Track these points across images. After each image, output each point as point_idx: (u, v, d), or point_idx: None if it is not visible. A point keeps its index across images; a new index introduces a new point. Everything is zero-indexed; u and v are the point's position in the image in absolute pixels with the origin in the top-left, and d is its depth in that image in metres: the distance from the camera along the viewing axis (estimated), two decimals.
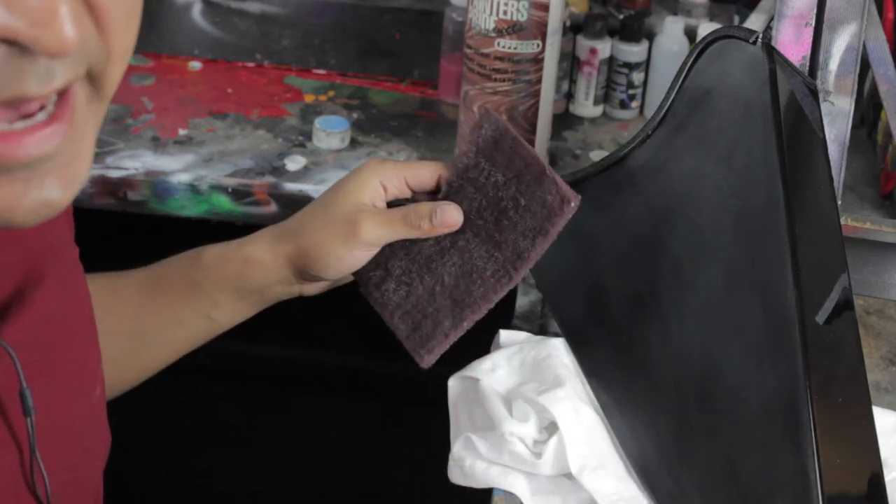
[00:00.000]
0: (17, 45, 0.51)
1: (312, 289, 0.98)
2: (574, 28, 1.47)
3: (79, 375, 0.79)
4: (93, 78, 0.56)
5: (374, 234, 0.92)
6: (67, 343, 0.78)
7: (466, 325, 0.92)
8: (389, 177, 0.94)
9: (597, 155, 1.38)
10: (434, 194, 0.95)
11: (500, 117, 0.93)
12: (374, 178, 0.94)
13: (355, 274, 0.96)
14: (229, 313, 0.98)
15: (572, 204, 0.88)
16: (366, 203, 0.93)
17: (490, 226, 0.91)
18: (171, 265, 0.99)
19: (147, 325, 0.98)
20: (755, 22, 1.26)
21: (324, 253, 0.93)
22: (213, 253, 0.97)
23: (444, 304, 0.93)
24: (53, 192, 0.56)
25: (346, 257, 0.93)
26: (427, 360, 0.94)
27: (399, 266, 0.95)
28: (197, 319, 0.98)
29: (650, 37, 1.47)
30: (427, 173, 0.94)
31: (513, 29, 1.25)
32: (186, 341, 1.00)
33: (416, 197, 0.96)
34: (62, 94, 0.55)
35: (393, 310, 0.96)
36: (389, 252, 0.95)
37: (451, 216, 0.92)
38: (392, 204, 0.95)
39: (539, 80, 1.28)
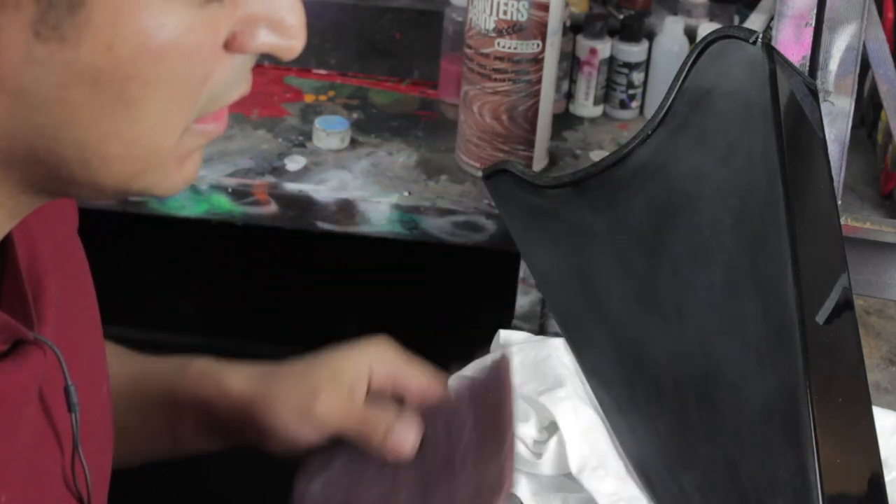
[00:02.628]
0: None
1: (272, 446, 0.94)
2: (574, 28, 1.47)
3: (94, 370, 0.80)
4: None
5: (328, 418, 0.89)
6: (83, 339, 0.78)
7: None
8: (381, 371, 0.91)
9: (597, 155, 1.38)
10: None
11: (508, 367, 0.87)
12: (365, 362, 0.91)
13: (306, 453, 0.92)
14: (189, 437, 0.95)
15: (501, 497, 0.80)
16: (343, 382, 0.90)
17: (432, 469, 0.85)
18: (164, 367, 0.97)
19: (118, 420, 0.94)
20: (755, 22, 1.26)
21: (275, 414, 0.90)
22: (199, 366, 0.95)
23: None
24: (193, 172, 0.65)
25: (292, 428, 0.90)
26: None
27: (337, 467, 0.90)
28: (162, 433, 0.96)
29: (650, 37, 1.47)
30: (416, 384, 0.91)
31: (513, 29, 1.25)
32: (143, 444, 0.97)
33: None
34: None
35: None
36: (342, 445, 0.90)
37: (402, 445, 0.87)
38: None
39: (539, 80, 1.28)
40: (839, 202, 1.03)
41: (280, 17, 0.61)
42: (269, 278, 1.83)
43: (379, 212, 1.28)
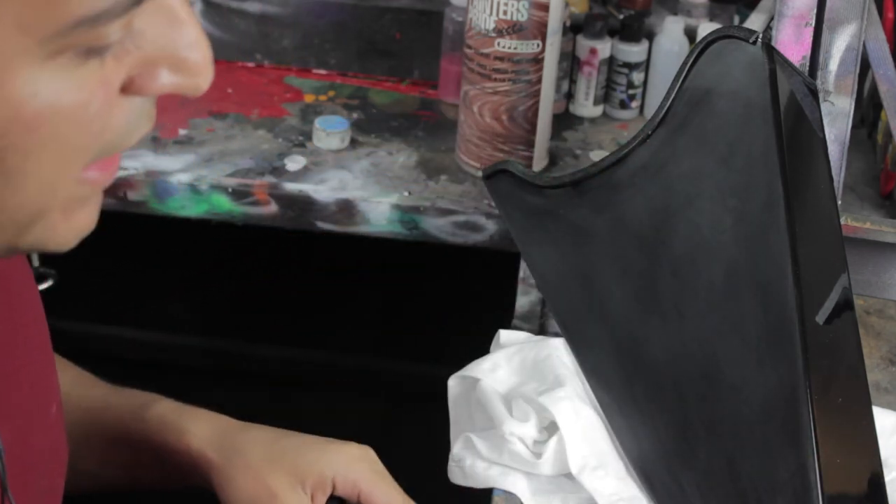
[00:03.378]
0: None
1: None
2: (574, 28, 1.47)
3: (34, 396, 0.77)
4: None
5: None
6: (20, 364, 0.76)
7: None
8: (348, 477, 0.90)
9: (597, 155, 1.38)
10: None
11: None
12: (333, 469, 0.90)
13: None
14: (148, 480, 0.95)
15: None
16: (304, 490, 0.89)
17: None
18: (125, 405, 0.95)
19: (78, 456, 0.92)
20: (755, 22, 1.26)
21: (228, 494, 0.89)
22: (160, 411, 0.93)
23: None
24: (88, 220, 0.61)
25: None
26: None
27: None
28: (119, 471, 0.95)
29: (650, 37, 1.47)
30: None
31: (513, 29, 1.25)
32: (105, 485, 0.96)
33: None
34: None
35: None
36: None
37: None
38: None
39: (539, 80, 1.28)
40: (839, 202, 1.03)
41: (181, 56, 0.57)
42: (269, 278, 1.83)
43: (379, 212, 1.28)
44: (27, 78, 0.52)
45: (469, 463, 0.93)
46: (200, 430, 0.92)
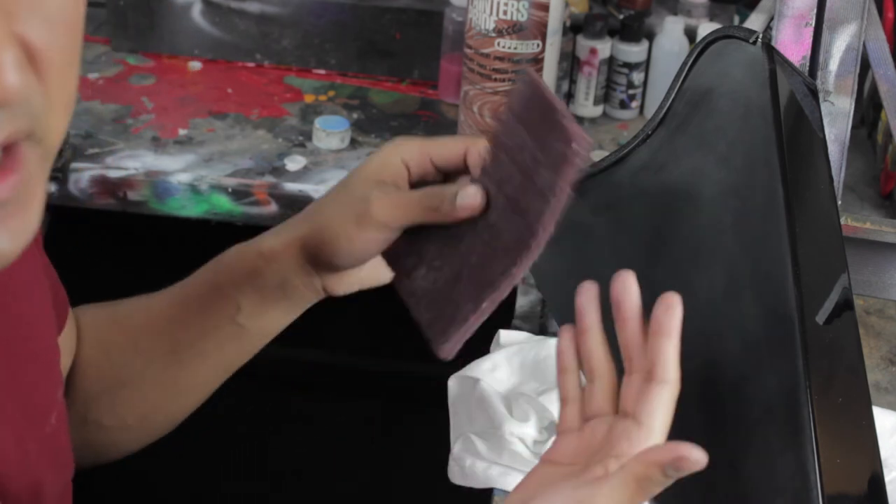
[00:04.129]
0: None
1: (337, 285, 0.91)
2: (574, 28, 1.47)
3: (28, 407, 0.77)
4: (39, 139, 0.56)
5: (388, 215, 0.84)
6: (23, 370, 0.76)
7: (487, 306, 0.81)
8: (413, 155, 0.86)
9: (597, 155, 1.38)
10: (464, 173, 0.87)
11: (534, 74, 0.82)
12: (396, 156, 0.86)
13: (389, 262, 0.88)
14: (254, 317, 0.92)
15: (573, 146, 0.76)
16: (385, 182, 0.85)
17: (518, 193, 0.81)
18: (199, 272, 0.95)
19: (180, 339, 0.93)
20: (755, 22, 1.26)
21: (335, 234, 0.86)
22: (231, 252, 0.92)
23: (469, 287, 0.82)
24: (3, 243, 0.55)
25: (357, 239, 0.85)
26: (446, 350, 0.83)
27: (432, 250, 0.86)
28: (224, 327, 0.92)
29: (650, 37, 1.47)
30: (453, 150, 0.86)
31: (513, 29, 1.25)
32: (219, 354, 0.94)
33: (445, 177, 0.88)
34: (8, 149, 0.55)
35: (419, 298, 0.86)
36: (425, 236, 0.85)
37: (471, 200, 0.82)
38: (420, 185, 0.87)
39: None
40: (839, 202, 1.03)
41: None
42: None
43: None
44: None
45: (469, 463, 0.93)
46: (273, 233, 0.91)
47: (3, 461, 0.72)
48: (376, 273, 0.90)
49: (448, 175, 0.87)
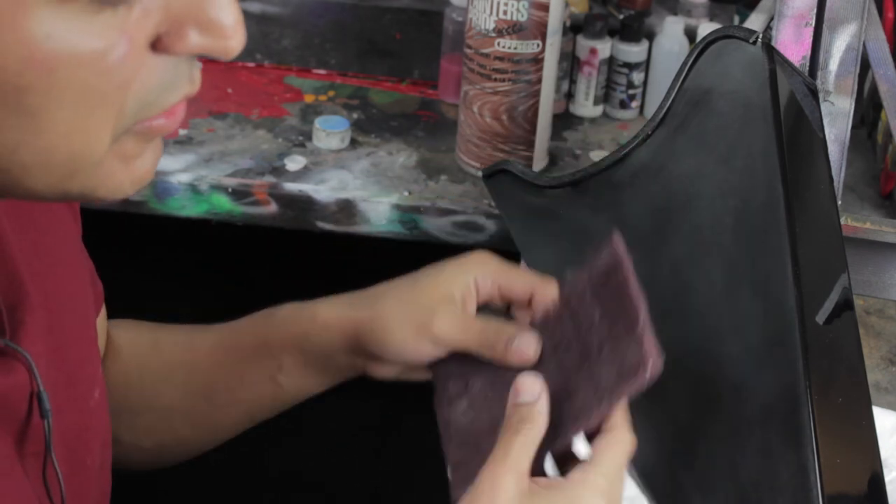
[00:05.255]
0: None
1: (379, 370, 0.93)
2: (574, 28, 1.47)
3: (79, 377, 0.79)
4: None
5: (447, 335, 0.87)
6: (68, 345, 0.78)
7: None
8: (486, 280, 0.88)
9: (597, 155, 1.38)
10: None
11: (621, 247, 0.81)
12: (470, 275, 0.89)
13: (435, 377, 0.89)
14: (294, 378, 0.95)
15: (647, 372, 0.76)
16: (455, 298, 0.88)
17: (570, 369, 0.81)
18: (249, 320, 0.97)
19: (217, 382, 0.96)
20: (755, 22, 1.26)
21: (390, 331, 0.89)
22: (286, 309, 0.94)
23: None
24: (149, 165, 0.63)
25: (410, 345, 0.88)
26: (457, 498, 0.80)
27: (478, 385, 0.86)
28: (262, 382, 0.95)
29: (650, 37, 1.47)
30: (522, 286, 0.88)
31: (513, 29, 1.25)
32: (252, 405, 0.97)
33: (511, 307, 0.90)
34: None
35: (453, 433, 0.85)
36: (477, 367, 0.86)
37: (525, 350, 0.84)
38: (484, 308, 0.90)
39: (539, 80, 1.28)
40: (839, 202, 1.03)
41: (210, 16, 0.59)
42: (269, 278, 1.83)
43: (379, 212, 1.28)
44: (40, 19, 0.54)
45: None
46: (334, 304, 0.93)
47: (59, 429, 0.74)
48: (421, 372, 0.92)
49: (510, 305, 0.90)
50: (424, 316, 0.87)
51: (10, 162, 0.57)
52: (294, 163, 1.34)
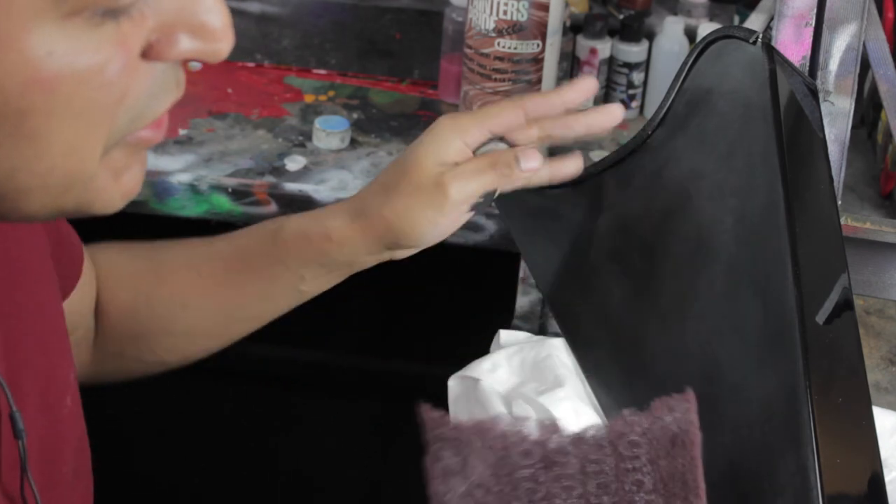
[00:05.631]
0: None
1: (403, 253, 0.95)
2: (574, 28, 1.47)
3: (50, 387, 0.79)
4: None
5: (465, 192, 0.89)
6: (36, 355, 0.77)
7: None
8: (472, 133, 0.90)
9: (597, 155, 1.38)
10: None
11: (695, 415, 0.75)
12: (455, 138, 0.90)
13: (427, 430, 0.79)
14: (317, 284, 0.97)
15: None
16: (449, 163, 0.90)
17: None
18: (252, 241, 0.97)
19: (233, 300, 0.98)
20: (755, 22, 1.26)
21: (414, 223, 0.90)
22: (292, 230, 0.95)
23: None
24: (137, 177, 0.62)
25: (441, 222, 0.90)
26: None
27: (479, 468, 0.76)
28: (285, 294, 0.97)
29: (650, 37, 1.47)
30: (511, 114, 0.90)
31: (513, 29, 1.25)
32: (274, 312, 0.99)
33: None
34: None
35: None
36: (474, 440, 0.76)
37: (534, 158, 0.89)
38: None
39: (539, 80, 1.28)
40: (839, 202, 1.03)
41: (200, 20, 0.58)
42: None
43: None
44: (43, 37, 0.53)
45: None
46: (337, 212, 0.94)
47: (31, 444, 0.73)
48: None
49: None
50: (437, 191, 0.89)
51: (8, 188, 0.56)
52: (294, 163, 1.34)
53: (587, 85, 0.94)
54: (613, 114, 0.93)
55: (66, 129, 0.55)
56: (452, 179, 0.89)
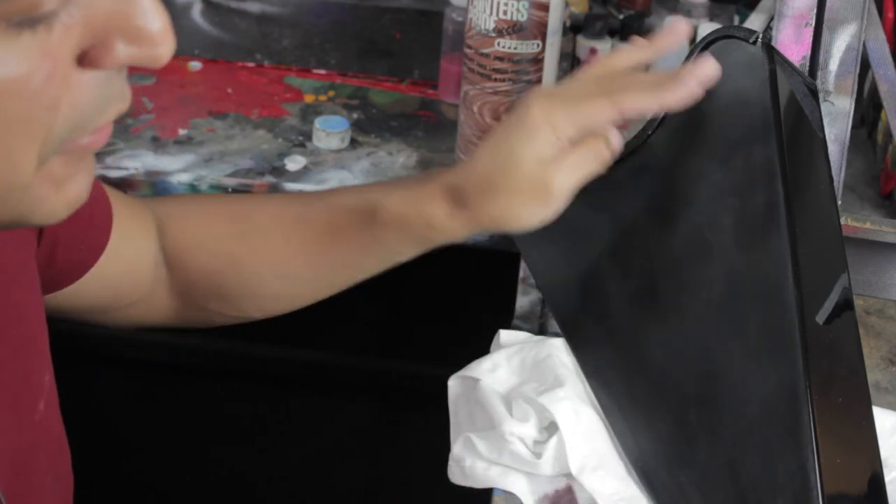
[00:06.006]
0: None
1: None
2: (574, 28, 1.47)
3: (22, 393, 0.78)
4: None
5: (568, 185, 0.90)
6: (7, 363, 0.76)
7: None
8: (565, 130, 0.89)
9: None
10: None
11: None
12: (550, 135, 0.89)
13: None
14: (409, 256, 0.98)
15: None
16: (547, 159, 0.89)
17: None
18: (347, 216, 0.97)
19: (325, 268, 0.99)
20: (755, 22, 1.26)
21: (519, 217, 0.91)
22: (392, 214, 0.95)
23: None
24: (85, 184, 0.60)
25: (546, 213, 0.91)
26: None
27: None
28: (378, 264, 0.99)
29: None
30: (606, 114, 0.89)
31: (513, 29, 1.25)
32: (365, 276, 1.01)
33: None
34: None
35: None
36: None
37: (617, 135, 0.90)
38: None
39: (539, 80, 1.28)
40: (839, 202, 1.03)
41: (136, 24, 0.55)
42: None
43: None
44: None
45: (469, 463, 0.93)
46: (435, 198, 0.94)
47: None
48: None
49: None
50: (541, 189, 0.90)
51: None
52: (294, 163, 1.34)
53: (679, 28, 0.94)
54: (678, 28, 0.94)
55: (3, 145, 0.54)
56: (555, 176, 0.89)
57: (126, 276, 0.97)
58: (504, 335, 1.04)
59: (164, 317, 1.03)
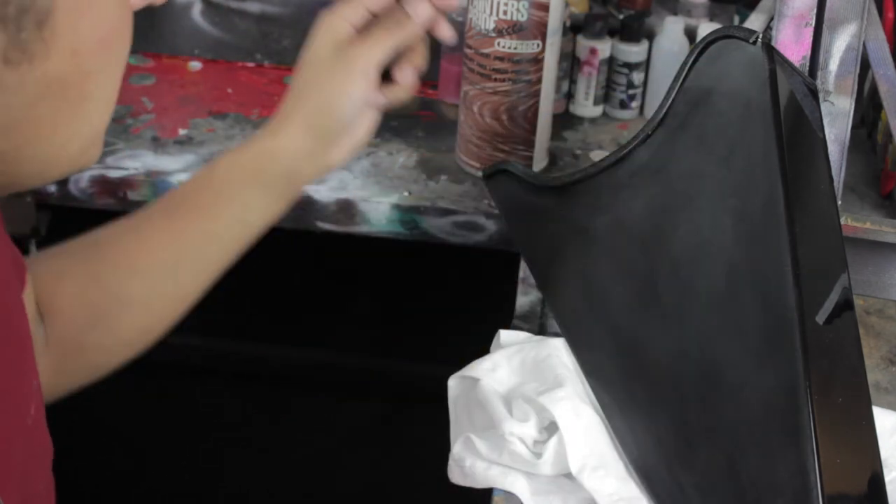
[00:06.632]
0: None
1: (338, 154, 0.99)
2: (574, 28, 1.47)
3: (12, 396, 0.77)
4: None
5: (367, 55, 0.96)
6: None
7: None
8: (356, 17, 0.97)
9: (597, 155, 1.38)
10: None
11: None
12: (341, 24, 0.96)
13: None
14: (262, 212, 0.99)
15: None
16: (344, 41, 0.96)
17: None
18: (186, 185, 0.99)
19: (179, 250, 0.98)
20: (755, 22, 1.26)
21: (332, 100, 0.96)
22: (225, 161, 0.98)
23: None
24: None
25: (353, 91, 0.96)
26: None
27: None
28: (230, 230, 0.98)
29: (650, 37, 1.47)
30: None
31: (513, 29, 1.25)
32: (224, 256, 0.99)
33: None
34: None
35: None
36: None
37: (421, 4, 0.99)
38: None
39: (539, 80, 1.28)
40: (839, 202, 1.03)
41: None
42: (269, 278, 1.83)
43: (379, 212, 1.28)
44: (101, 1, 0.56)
45: (469, 463, 0.93)
46: (264, 132, 1.00)
47: None
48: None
49: None
50: (342, 70, 0.96)
51: (55, 161, 0.59)
52: None
53: None
54: None
55: (109, 85, 0.59)
56: (351, 49, 0.96)
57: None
58: (504, 335, 1.04)
59: (45, 380, 0.93)
